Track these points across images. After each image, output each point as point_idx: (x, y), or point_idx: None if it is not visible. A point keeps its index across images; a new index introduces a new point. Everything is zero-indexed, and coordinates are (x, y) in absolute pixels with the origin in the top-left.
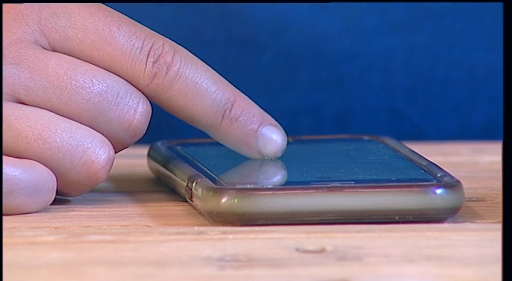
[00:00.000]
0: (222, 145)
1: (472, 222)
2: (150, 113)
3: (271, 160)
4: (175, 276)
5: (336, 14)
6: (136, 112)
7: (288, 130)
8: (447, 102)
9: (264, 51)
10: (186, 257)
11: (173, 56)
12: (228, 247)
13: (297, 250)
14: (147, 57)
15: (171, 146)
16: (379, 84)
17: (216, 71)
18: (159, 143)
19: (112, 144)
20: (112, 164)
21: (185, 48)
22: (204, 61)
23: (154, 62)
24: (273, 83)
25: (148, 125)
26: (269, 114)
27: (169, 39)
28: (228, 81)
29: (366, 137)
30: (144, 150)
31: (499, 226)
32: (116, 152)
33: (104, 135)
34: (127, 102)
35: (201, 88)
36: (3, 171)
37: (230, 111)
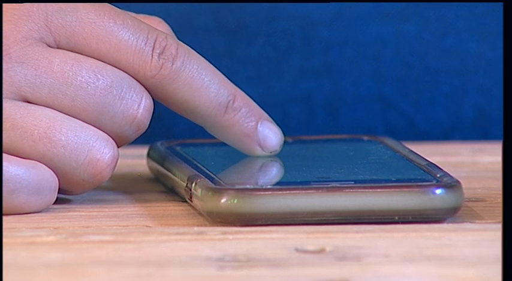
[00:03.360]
0: (221, 145)
1: (471, 222)
2: (153, 108)
3: (270, 153)
4: (175, 276)
5: (327, 2)
6: (140, 106)
7: (278, 118)
8: (438, 91)
9: (255, 39)
10: (185, 257)
11: (177, 48)
12: (227, 247)
13: (297, 250)
14: (153, 48)
15: (170, 146)
16: (370, 72)
17: (207, 59)
18: (158, 143)
19: (116, 139)
20: (116, 162)
21: (176, 36)
22: (194, 49)
23: (160, 54)
24: (263, 71)
25: (149, 124)
26: (259, 102)
27: None
28: (219, 69)
29: (365, 137)
30: (144, 150)
31: (499, 226)
32: (119, 147)
33: (109, 130)
34: (131, 97)
35: (205, 79)
36: (7, 170)
37: (233, 102)
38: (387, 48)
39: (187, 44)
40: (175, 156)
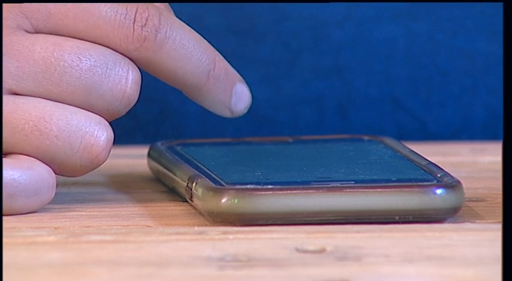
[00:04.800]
0: (222, 145)
1: (472, 222)
2: (141, 79)
3: (236, 115)
4: (175, 276)
5: (337, 2)
6: (128, 80)
7: (288, 119)
8: (448, 92)
9: (265, 39)
10: (186, 257)
11: (159, 18)
12: (228, 247)
13: (297, 250)
14: (134, 21)
15: (171, 146)
16: (380, 73)
17: None
18: (159, 143)
19: (107, 116)
20: (112, 143)
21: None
22: None
23: (143, 26)
24: (274, 71)
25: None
26: (270, 102)
27: None
28: None
29: (365, 137)
30: (144, 150)
31: (499, 226)
32: (110, 121)
33: (99, 109)
34: (117, 72)
35: (188, 49)
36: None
37: (214, 71)
38: (398, 49)
39: None
40: (175, 156)
